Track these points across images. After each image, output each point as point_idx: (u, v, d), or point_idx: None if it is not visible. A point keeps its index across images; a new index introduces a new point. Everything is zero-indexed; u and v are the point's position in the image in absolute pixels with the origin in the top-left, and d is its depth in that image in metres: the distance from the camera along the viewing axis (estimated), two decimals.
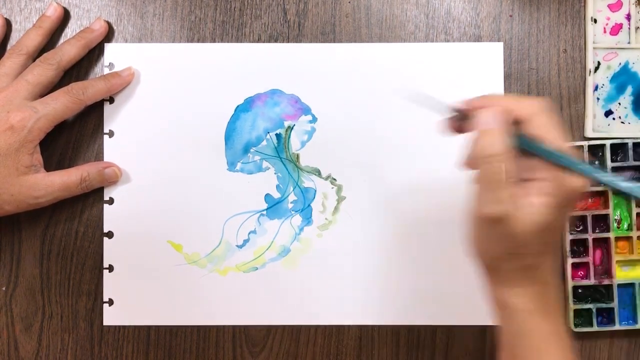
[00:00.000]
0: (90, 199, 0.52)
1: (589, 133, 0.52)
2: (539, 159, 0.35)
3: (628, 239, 0.52)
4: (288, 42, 0.52)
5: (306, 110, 0.52)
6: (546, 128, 0.35)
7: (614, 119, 0.52)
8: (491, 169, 0.35)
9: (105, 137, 0.52)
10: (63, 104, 0.48)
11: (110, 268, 0.52)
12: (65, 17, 0.52)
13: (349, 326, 0.52)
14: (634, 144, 0.51)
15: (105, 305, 0.52)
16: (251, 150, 0.52)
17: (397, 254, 0.52)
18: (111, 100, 0.52)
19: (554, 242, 0.37)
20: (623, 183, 0.34)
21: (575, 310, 0.51)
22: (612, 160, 0.51)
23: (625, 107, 0.52)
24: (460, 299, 0.52)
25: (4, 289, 0.52)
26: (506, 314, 0.38)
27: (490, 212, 0.35)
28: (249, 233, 0.52)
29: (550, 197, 0.35)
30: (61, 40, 0.52)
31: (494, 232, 0.36)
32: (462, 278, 0.52)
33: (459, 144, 0.51)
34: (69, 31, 0.52)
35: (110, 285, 0.52)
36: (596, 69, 0.52)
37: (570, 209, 0.36)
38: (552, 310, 0.37)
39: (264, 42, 0.52)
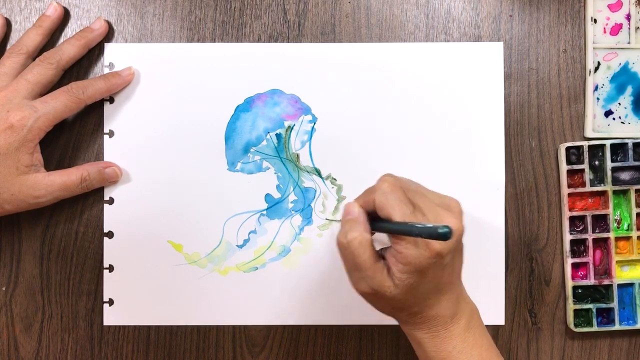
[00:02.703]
0: (90, 199, 0.52)
1: (589, 133, 0.52)
2: (395, 236, 0.40)
3: (628, 239, 0.52)
4: (288, 42, 0.52)
5: (306, 110, 0.52)
6: (385, 208, 0.40)
7: (614, 119, 0.52)
8: (350, 254, 0.41)
9: (105, 137, 0.52)
10: (63, 103, 0.48)
11: (110, 268, 0.52)
12: (65, 17, 0.52)
13: (349, 326, 0.52)
14: (634, 144, 0.51)
15: (105, 305, 0.52)
16: (251, 150, 0.52)
17: None
18: (111, 100, 0.52)
19: (435, 288, 0.41)
20: (439, 229, 0.37)
21: (575, 310, 0.51)
22: (612, 160, 0.51)
23: (625, 107, 0.52)
24: None
25: (4, 289, 0.52)
26: (415, 343, 0.44)
27: (360, 289, 0.42)
28: (249, 233, 0.52)
29: (404, 265, 0.40)
30: (61, 40, 0.52)
31: (372, 300, 0.42)
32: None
33: (459, 144, 0.52)
34: (69, 31, 0.52)
35: (110, 285, 0.52)
36: (596, 69, 0.52)
37: (434, 266, 0.40)
38: (448, 335, 0.43)
39: (264, 42, 0.52)
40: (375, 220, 0.42)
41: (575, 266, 0.51)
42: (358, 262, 0.40)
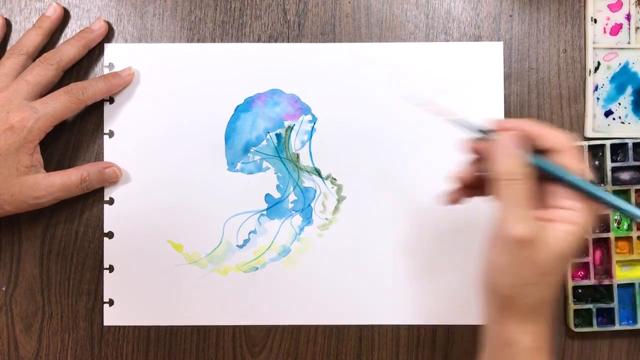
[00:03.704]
0: (90, 199, 0.52)
1: (589, 133, 0.52)
2: (564, 187, 0.35)
3: (628, 239, 0.52)
4: (288, 42, 0.52)
5: (306, 110, 0.52)
6: (574, 160, 0.35)
7: (614, 119, 0.52)
8: (514, 189, 0.35)
9: (105, 137, 0.52)
10: (63, 103, 0.48)
11: (110, 268, 0.52)
12: (65, 17, 0.52)
13: (349, 326, 0.52)
14: (634, 144, 0.51)
15: (105, 305, 0.52)
16: (251, 150, 0.52)
17: (397, 254, 0.52)
18: (111, 100, 0.52)
19: (567, 266, 0.37)
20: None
21: (575, 310, 0.51)
22: (612, 161, 0.51)
23: (625, 107, 0.52)
24: (460, 298, 0.52)
25: (4, 289, 0.52)
26: (509, 354, 0.36)
27: (519, 232, 0.34)
28: (250, 233, 0.52)
29: (575, 226, 0.35)
30: (61, 40, 0.52)
31: (519, 256, 0.35)
32: (462, 278, 0.52)
33: (458, 143, 0.51)
34: (69, 31, 0.52)
35: (110, 285, 0.52)
36: (596, 69, 0.52)
37: (580, 238, 0.36)
38: (551, 350, 0.37)
39: (264, 42, 0.52)
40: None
41: (575, 266, 0.51)
42: (519, 199, 0.35)
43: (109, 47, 0.52)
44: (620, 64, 0.52)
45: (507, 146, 0.36)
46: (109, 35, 0.52)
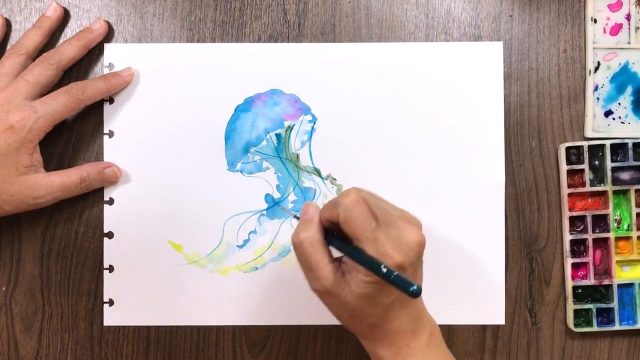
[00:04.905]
0: (90, 199, 0.52)
1: (589, 133, 0.52)
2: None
3: (628, 239, 0.52)
4: (288, 42, 0.52)
5: (306, 110, 0.52)
6: (348, 224, 0.39)
7: (614, 119, 0.52)
8: (302, 253, 0.40)
9: (105, 137, 0.52)
10: (62, 103, 0.48)
11: (110, 268, 0.52)
12: (65, 17, 0.52)
13: None
14: (634, 144, 0.51)
15: (105, 305, 0.52)
16: (251, 150, 0.52)
17: None
18: (111, 100, 0.52)
19: (397, 300, 0.40)
20: (410, 288, 0.36)
21: (575, 310, 0.51)
22: (612, 161, 0.51)
23: (625, 107, 0.52)
24: (460, 298, 0.52)
25: (4, 289, 0.52)
26: None
27: (314, 288, 0.41)
28: (249, 233, 0.52)
29: (364, 276, 0.39)
30: (61, 40, 0.52)
31: (329, 301, 0.41)
32: (462, 278, 0.52)
33: (459, 144, 0.52)
34: (69, 31, 0.52)
35: (110, 285, 0.52)
36: (596, 69, 0.52)
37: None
38: (410, 352, 0.41)
39: (264, 42, 0.52)
40: (342, 240, 0.41)
41: (575, 266, 0.51)
42: (309, 261, 0.40)
43: (108, 47, 0.52)
44: (620, 64, 0.52)
45: (303, 214, 0.42)
46: (109, 35, 0.52)
